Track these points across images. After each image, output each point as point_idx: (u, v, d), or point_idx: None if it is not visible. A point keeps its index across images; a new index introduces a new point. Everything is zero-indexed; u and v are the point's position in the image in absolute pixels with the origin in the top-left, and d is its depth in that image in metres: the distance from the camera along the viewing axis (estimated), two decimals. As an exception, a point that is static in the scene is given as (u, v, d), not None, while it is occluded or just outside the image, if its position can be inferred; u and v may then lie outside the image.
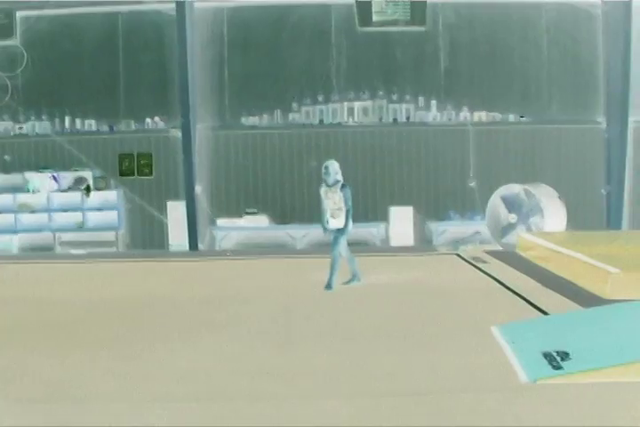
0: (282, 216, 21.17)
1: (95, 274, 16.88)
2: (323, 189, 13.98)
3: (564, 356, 8.15)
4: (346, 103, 21.47)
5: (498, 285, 13.93)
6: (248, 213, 21.31)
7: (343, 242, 13.86)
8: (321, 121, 21.45)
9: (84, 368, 8.73)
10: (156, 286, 14.80)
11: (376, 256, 18.39)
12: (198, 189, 21.03)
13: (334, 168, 13.80)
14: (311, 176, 20.31)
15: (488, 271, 15.44)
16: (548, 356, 8.22)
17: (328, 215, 13.90)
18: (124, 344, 9.88)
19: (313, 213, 18.35)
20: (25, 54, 21.51)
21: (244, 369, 8.57)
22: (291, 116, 21.50)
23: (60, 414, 7.17)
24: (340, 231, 13.78)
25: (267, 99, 21.43)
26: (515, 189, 19.11)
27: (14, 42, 21.52)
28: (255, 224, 21.18)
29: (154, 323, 11.31)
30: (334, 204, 13.83)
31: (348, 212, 13.81)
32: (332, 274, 13.64)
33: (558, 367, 7.93)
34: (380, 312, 11.74)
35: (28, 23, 21.56)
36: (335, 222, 13.84)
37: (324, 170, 13.90)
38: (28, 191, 21.33)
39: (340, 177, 13.83)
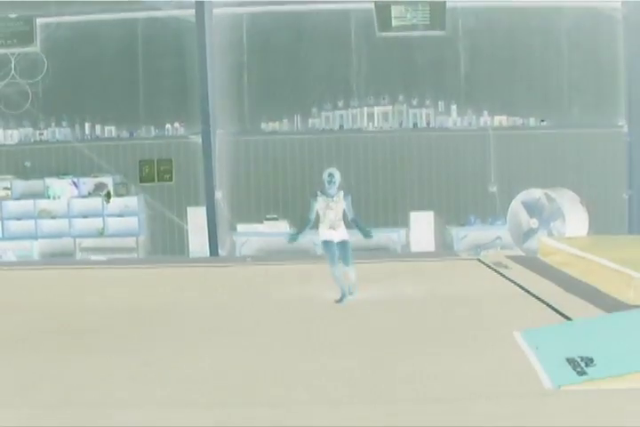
0: (302, 222, 20.98)
1: (116, 280, 16.89)
2: (320, 199, 13.05)
3: (589, 362, 8.07)
4: (366, 108, 21.41)
5: (520, 290, 13.84)
6: (268, 219, 21.27)
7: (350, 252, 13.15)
8: (341, 126, 21.40)
9: (104, 374, 8.71)
10: (176, 292, 14.78)
11: (397, 262, 18.34)
12: (218, 194, 21.01)
13: (338, 176, 13.01)
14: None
15: (510, 277, 15.34)
16: (572, 362, 8.15)
17: (326, 227, 13.09)
18: (144, 350, 9.86)
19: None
20: (45, 61, 21.58)
21: (263, 375, 8.53)
22: (310, 121, 21.46)
23: (78, 419, 7.14)
24: (346, 243, 13.06)
25: (286, 104, 21.41)
26: (536, 193, 19.01)
27: (35, 49, 21.60)
28: (276, 230, 21.12)
29: (174, 329, 11.29)
30: (336, 215, 13.01)
31: (356, 220, 13.13)
32: (347, 285, 13.19)
33: (583, 373, 7.85)
34: (402, 319, 11.67)
35: (48, 30, 21.63)
36: (337, 234, 13.05)
37: (327, 178, 12.98)
38: (49, 197, 21.36)
39: (341, 185, 13.12)
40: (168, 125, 21.43)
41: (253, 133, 21.44)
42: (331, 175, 12.96)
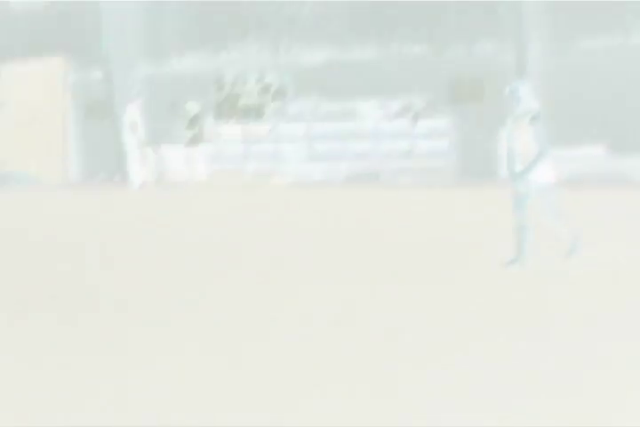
0: (622, 144, 19.60)
1: (421, 203, 16.94)
2: (509, 123, 10.00)
3: None
4: None
5: None
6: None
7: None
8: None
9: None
10: (484, 217, 14.34)
11: None
12: (532, 114, 20.01)
13: (525, 91, 9.82)
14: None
15: None
16: None
17: (515, 160, 9.74)
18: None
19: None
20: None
21: None
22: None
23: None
24: (545, 189, 9.66)
25: (602, 19, 19.87)
26: None
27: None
28: (592, 154, 19.82)
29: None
30: (524, 144, 9.67)
31: (539, 156, 9.60)
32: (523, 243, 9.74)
33: None
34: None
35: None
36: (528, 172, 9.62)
37: (509, 94, 9.79)
38: (356, 119, 21.38)
39: (532, 104, 9.82)
40: (479, 43, 20.65)
41: (568, 52, 20.14)
42: (511, 91, 9.84)
